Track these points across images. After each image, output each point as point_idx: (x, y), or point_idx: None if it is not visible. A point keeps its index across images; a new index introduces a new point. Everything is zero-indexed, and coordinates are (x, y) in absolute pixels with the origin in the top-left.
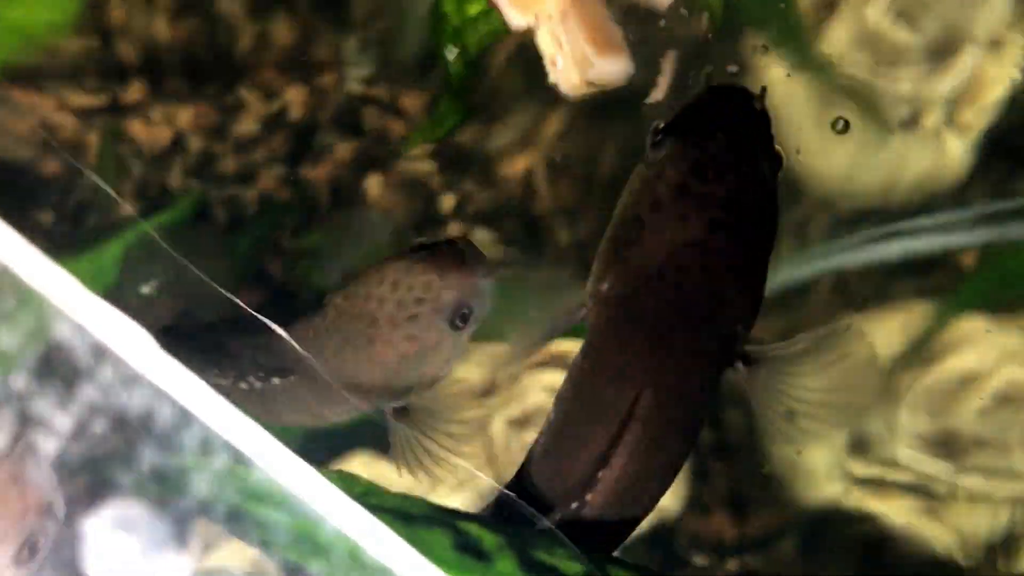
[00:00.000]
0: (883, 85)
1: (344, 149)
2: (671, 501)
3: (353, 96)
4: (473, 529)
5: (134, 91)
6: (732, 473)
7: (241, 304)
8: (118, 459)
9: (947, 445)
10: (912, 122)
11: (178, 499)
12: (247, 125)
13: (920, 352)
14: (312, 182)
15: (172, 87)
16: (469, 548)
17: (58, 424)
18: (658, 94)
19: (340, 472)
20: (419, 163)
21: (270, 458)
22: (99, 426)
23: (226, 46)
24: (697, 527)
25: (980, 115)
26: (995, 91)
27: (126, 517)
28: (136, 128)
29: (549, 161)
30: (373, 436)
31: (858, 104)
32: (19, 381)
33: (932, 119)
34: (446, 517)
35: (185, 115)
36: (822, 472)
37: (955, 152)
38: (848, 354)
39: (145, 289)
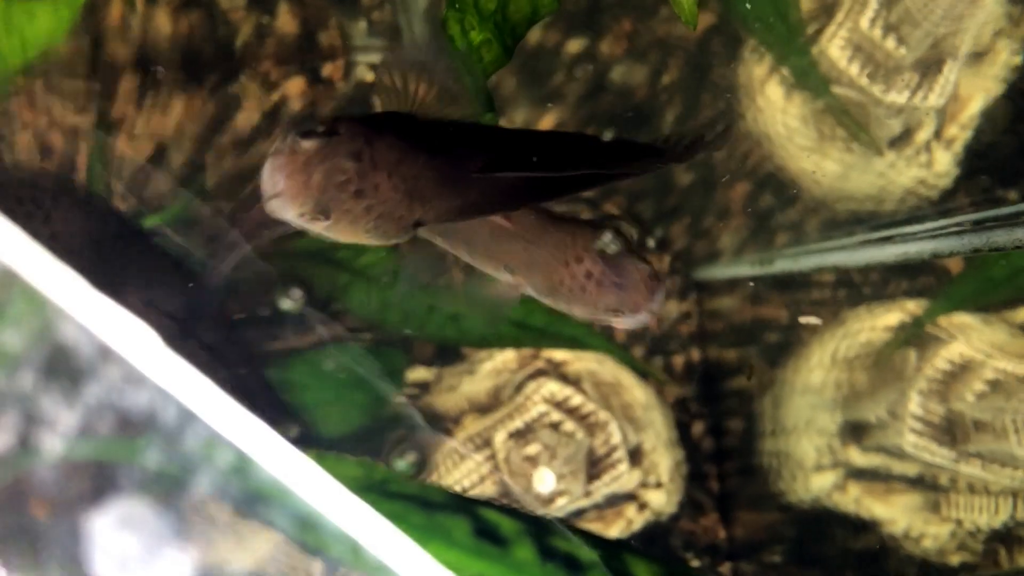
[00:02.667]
0: (877, 98)
1: None
2: (666, 502)
3: (363, 84)
4: (491, 516)
5: (124, 93)
6: (728, 478)
7: None
8: (123, 458)
9: (950, 430)
10: (905, 136)
11: (182, 498)
12: (245, 120)
13: (915, 342)
14: None
15: (166, 86)
16: (487, 534)
17: (63, 423)
18: None
19: (361, 460)
20: None
21: (273, 456)
22: (104, 426)
23: (226, 37)
24: (691, 529)
25: (963, 129)
26: (975, 106)
27: (130, 516)
28: (124, 132)
29: None
30: (371, 438)
31: (852, 118)
32: (24, 381)
33: (923, 133)
34: (465, 504)
35: (176, 114)
36: (812, 462)
37: (943, 165)
38: None
39: None
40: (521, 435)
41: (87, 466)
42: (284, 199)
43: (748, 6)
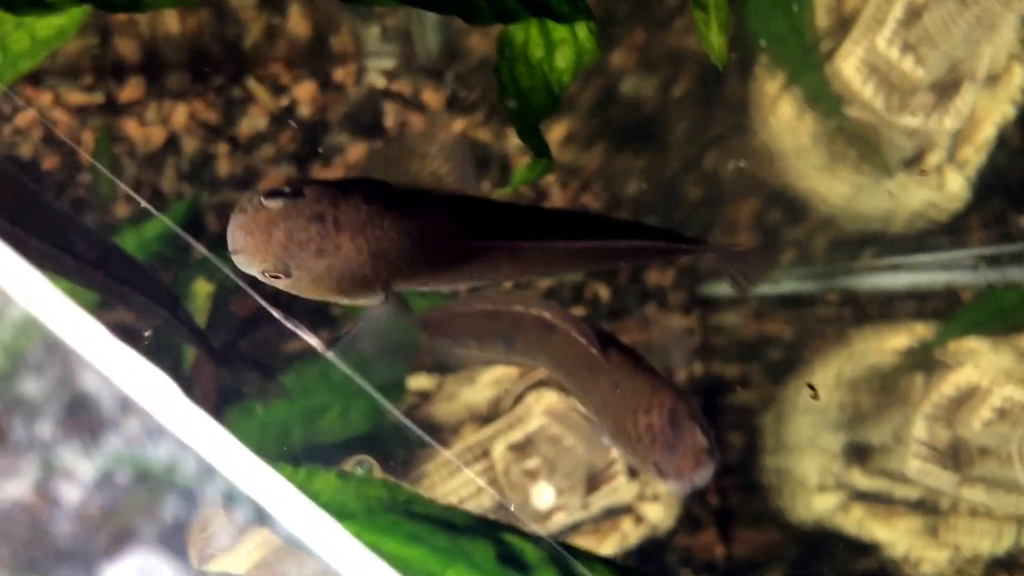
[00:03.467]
0: (890, 120)
1: (358, 150)
2: (664, 515)
3: (374, 90)
4: (515, 541)
5: (131, 89)
6: (728, 493)
7: None
8: (141, 510)
9: (954, 456)
10: (917, 158)
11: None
12: (252, 122)
13: (922, 366)
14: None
15: (173, 83)
16: (511, 560)
17: (82, 473)
18: None
19: (385, 481)
20: None
21: (291, 511)
22: (122, 477)
23: (235, 37)
24: (688, 545)
25: (977, 152)
26: (990, 128)
27: (148, 567)
28: (131, 127)
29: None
30: (373, 444)
31: (864, 139)
32: (44, 429)
33: (936, 155)
34: (489, 528)
35: (183, 113)
36: (815, 481)
37: (955, 188)
38: None
39: None
40: (521, 448)
41: (105, 517)
42: (246, 255)
43: (763, 43)
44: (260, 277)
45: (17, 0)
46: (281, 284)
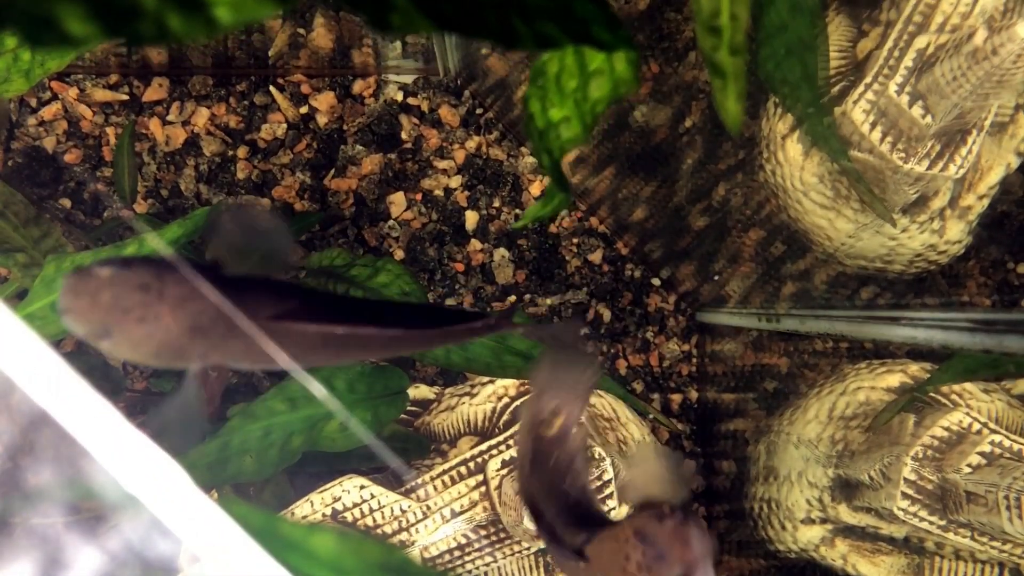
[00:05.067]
0: (896, 165)
1: (372, 162)
2: None
3: (392, 103)
4: None
5: (155, 89)
6: (717, 520)
7: None
8: None
9: (941, 499)
10: (919, 202)
11: None
12: (272, 128)
13: (913, 407)
14: (334, 193)
15: (197, 86)
16: None
17: (85, 570)
18: None
19: (382, 543)
20: (446, 179)
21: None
22: (127, 574)
23: (260, 44)
24: None
25: (980, 200)
26: (993, 177)
27: None
28: (153, 126)
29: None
30: (372, 454)
31: (867, 186)
32: (49, 523)
33: (938, 201)
34: None
35: (204, 115)
36: (802, 513)
37: (955, 233)
38: None
39: None
40: (514, 464)
41: None
42: (72, 316)
43: (774, 87)
44: (85, 338)
45: (43, 36)
46: (103, 346)
